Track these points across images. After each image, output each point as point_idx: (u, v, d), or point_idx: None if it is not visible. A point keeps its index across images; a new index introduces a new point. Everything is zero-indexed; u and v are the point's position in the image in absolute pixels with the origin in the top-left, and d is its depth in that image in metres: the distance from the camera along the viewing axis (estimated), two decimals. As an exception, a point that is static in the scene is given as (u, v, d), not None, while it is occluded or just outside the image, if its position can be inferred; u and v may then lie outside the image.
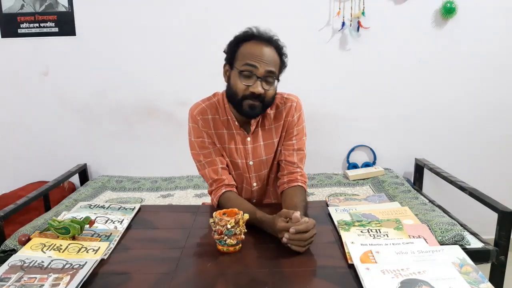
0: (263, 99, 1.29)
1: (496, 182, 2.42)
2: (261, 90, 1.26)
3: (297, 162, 1.42)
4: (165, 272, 1.00)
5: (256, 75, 1.25)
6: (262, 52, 1.25)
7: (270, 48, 1.28)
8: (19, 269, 0.98)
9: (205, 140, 1.39)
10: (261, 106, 1.30)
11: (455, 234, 1.47)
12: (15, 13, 2.33)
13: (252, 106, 1.28)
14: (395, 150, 2.50)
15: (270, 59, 1.26)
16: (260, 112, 1.34)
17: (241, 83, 1.26)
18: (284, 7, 2.30)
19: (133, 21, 2.34)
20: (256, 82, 1.25)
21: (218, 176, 1.38)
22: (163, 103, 2.45)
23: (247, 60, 1.25)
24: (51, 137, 2.48)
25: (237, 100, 1.30)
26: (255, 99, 1.27)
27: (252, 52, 1.26)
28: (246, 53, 1.26)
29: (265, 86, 1.27)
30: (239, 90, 1.27)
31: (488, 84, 2.40)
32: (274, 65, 1.28)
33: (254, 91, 1.25)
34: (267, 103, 1.32)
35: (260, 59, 1.25)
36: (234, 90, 1.29)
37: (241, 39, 1.30)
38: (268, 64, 1.25)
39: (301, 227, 1.06)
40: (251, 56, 1.25)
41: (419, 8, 2.30)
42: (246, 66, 1.25)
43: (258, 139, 1.42)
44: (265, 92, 1.27)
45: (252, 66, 1.24)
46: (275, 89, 1.34)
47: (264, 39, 1.28)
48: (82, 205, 1.46)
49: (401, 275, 0.92)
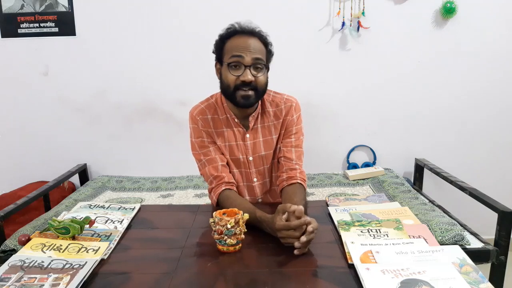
0: (255, 87, 1.32)
1: (496, 182, 2.42)
2: (250, 77, 1.29)
3: (295, 158, 1.45)
4: (165, 272, 1.00)
5: (244, 64, 1.29)
6: (246, 42, 1.30)
7: (253, 39, 1.32)
8: (19, 269, 0.98)
9: (204, 139, 1.43)
10: (255, 94, 1.33)
11: (455, 234, 1.47)
12: (15, 13, 2.33)
13: (245, 96, 1.31)
14: (395, 150, 2.50)
15: (255, 48, 1.31)
16: (255, 101, 1.37)
17: (231, 75, 1.31)
18: (284, 7, 2.30)
19: (133, 21, 2.35)
20: (245, 71, 1.29)
21: (218, 173, 1.40)
22: (163, 103, 2.45)
23: (233, 52, 1.30)
24: (51, 137, 2.48)
25: (230, 93, 1.33)
26: (247, 88, 1.30)
27: (237, 44, 1.31)
28: (232, 47, 1.31)
29: (254, 72, 1.30)
30: (230, 81, 1.31)
31: (488, 84, 2.40)
32: (260, 53, 1.32)
33: (244, 79, 1.29)
34: (260, 91, 1.35)
35: (245, 49, 1.29)
36: (226, 83, 1.33)
37: (225, 36, 1.35)
38: (253, 52, 1.30)
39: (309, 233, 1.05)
40: (237, 48, 1.30)
41: (419, 8, 2.30)
42: (233, 58, 1.30)
43: (257, 135, 1.46)
44: (255, 80, 1.31)
45: (238, 57, 1.29)
46: (266, 76, 1.36)
47: (246, 31, 1.33)
48: (82, 205, 1.46)
49: (401, 275, 0.92)
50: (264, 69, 1.33)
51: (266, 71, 1.36)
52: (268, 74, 1.39)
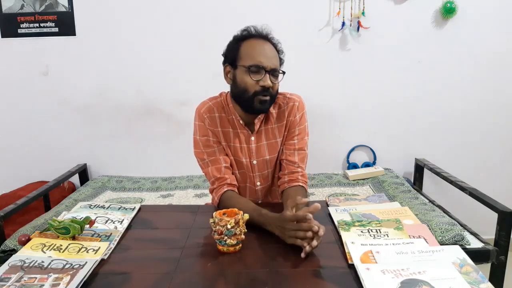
0: (271, 94, 1.33)
1: (496, 182, 2.42)
2: (270, 83, 1.29)
3: (298, 161, 1.43)
4: (165, 272, 1.00)
5: (265, 69, 1.29)
6: (264, 48, 1.31)
7: (269, 45, 1.33)
8: (19, 269, 0.98)
9: (210, 138, 1.40)
10: (270, 100, 1.34)
11: (455, 234, 1.47)
12: (15, 13, 2.33)
13: (263, 101, 1.32)
14: (395, 150, 2.50)
15: (272, 54, 1.31)
16: (269, 107, 1.38)
17: (251, 79, 1.29)
18: (284, 7, 2.30)
19: (133, 21, 2.35)
20: (265, 76, 1.29)
21: (220, 175, 1.39)
22: (163, 103, 2.45)
23: (253, 56, 1.29)
24: (51, 137, 2.48)
25: (247, 97, 1.31)
26: (266, 94, 1.30)
27: (256, 48, 1.30)
28: (250, 50, 1.30)
29: (273, 79, 1.31)
30: (250, 86, 1.30)
31: (488, 84, 2.40)
32: (276, 60, 1.33)
33: (264, 84, 1.28)
34: (274, 97, 1.37)
35: (264, 55, 1.29)
36: (243, 87, 1.31)
37: (241, 38, 1.33)
38: (272, 58, 1.30)
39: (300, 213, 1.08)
40: (256, 53, 1.29)
41: (419, 8, 2.30)
42: (253, 62, 1.28)
43: (261, 139, 1.44)
44: (273, 86, 1.32)
45: (259, 62, 1.28)
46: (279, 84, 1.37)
47: (263, 36, 1.33)
48: (82, 205, 1.46)
49: (401, 275, 0.92)
50: (279, 76, 1.35)
51: (281, 77, 1.37)
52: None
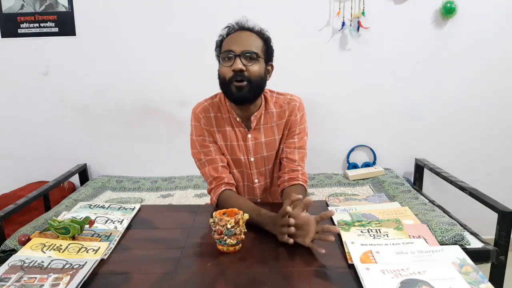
0: (248, 79, 1.30)
1: (496, 182, 2.42)
2: (240, 65, 1.28)
3: (298, 160, 1.43)
4: (165, 272, 1.00)
5: (234, 53, 1.29)
6: (238, 36, 1.32)
7: (247, 33, 1.34)
8: (19, 269, 0.98)
9: (206, 138, 1.41)
10: (249, 86, 1.30)
11: (455, 234, 1.47)
12: (15, 13, 2.33)
13: (239, 88, 1.30)
14: (395, 150, 2.50)
15: (248, 41, 1.31)
16: (250, 95, 1.33)
17: (223, 67, 1.31)
18: (284, 7, 2.31)
19: (133, 21, 2.35)
20: (235, 60, 1.29)
21: (218, 174, 1.39)
22: (163, 103, 2.45)
23: (226, 45, 1.32)
24: (51, 137, 2.48)
25: (225, 85, 1.32)
26: (240, 79, 1.29)
27: (231, 39, 1.33)
28: (226, 42, 1.33)
29: (244, 61, 1.29)
30: (224, 73, 1.31)
31: (488, 84, 2.40)
32: (253, 46, 1.31)
33: (234, 68, 1.28)
34: (255, 83, 1.31)
35: (236, 42, 1.30)
36: (222, 77, 1.33)
37: (225, 36, 1.37)
38: (245, 45, 1.30)
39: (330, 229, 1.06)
40: (230, 42, 1.32)
41: (419, 8, 2.30)
42: (225, 51, 1.31)
43: (259, 136, 1.44)
44: (247, 69, 1.29)
45: (229, 48, 1.30)
46: (260, 67, 1.33)
47: (240, 27, 1.35)
48: (82, 205, 1.46)
49: (401, 275, 0.92)
50: (257, 59, 1.31)
51: (265, 65, 1.35)
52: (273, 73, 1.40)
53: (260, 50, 1.33)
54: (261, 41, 1.34)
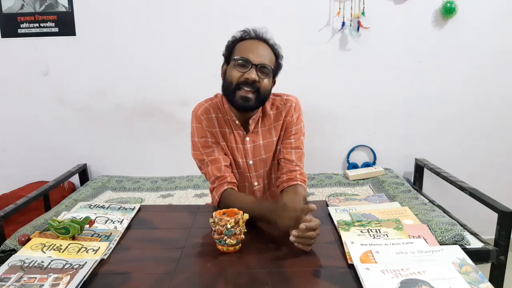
0: (258, 90, 1.29)
1: (496, 182, 2.42)
2: (255, 76, 1.27)
3: (296, 160, 1.43)
4: (165, 272, 1.00)
5: (252, 62, 1.27)
6: (257, 46, 1.31)
7: (265, 46, 1.32)
8: (19, 269, 0.98)
9: (208, 139, 1.40)
10: (255, 98, 1.30)
11: (455, 234, 1.47)
12: (15, 13, 2.33)
13: (245, 98, 1.29)
14: (395, 150, 2.50)
15: (265, 54, 1.30)
16: (254, 106, 1.33)
17: (236, 71, 1.29)
18: (284, 7, 2.30)
19: (133, 21, 2.34)
20: (250, 69, 1.27)
21: (221, 173, 1.38)
22: (163, 103, 2.45)
23: (243, 51, 1.29)
24: (51, 137, 2.48)
25: (231, 90, 1.30)
26: (249, 89, 1.28)
27: (248, 46, 1.31)
28: (242, 47, 1.31)
29: (260, 74, 1.29)
30: (234, 78, 1.29)
31: (488, 84, 2.40)
32: (269, 61, 1.31)
33: (248, 77, 1.27)
34: (262, 96, 1.32)
35: (255, 52, 1.29)
36: (229, 80, 1.31)
37: (238, 39, 1.34)
38: (262, 57, 1.29)
39: (312, 224, 1.07)
40: (247, 49, 1.29)
41: (419, 8, 2.30)
42: (241, 56, 1.29)
43: (257, 138, 1.44)
44: (259, 82, 1.29)
45: (247, 56, 1.28)
46: (270, 82, 1.35)
47: (259, 38, 1.33)
48: (82, 205, 1.46)
49: (401, 275, 0.92)
50: (270, 75, 1.32)
51: (272, 80, 1.36)
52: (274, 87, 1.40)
53: (273, 65, 1.34)
54: (274, 57, 1.34)
